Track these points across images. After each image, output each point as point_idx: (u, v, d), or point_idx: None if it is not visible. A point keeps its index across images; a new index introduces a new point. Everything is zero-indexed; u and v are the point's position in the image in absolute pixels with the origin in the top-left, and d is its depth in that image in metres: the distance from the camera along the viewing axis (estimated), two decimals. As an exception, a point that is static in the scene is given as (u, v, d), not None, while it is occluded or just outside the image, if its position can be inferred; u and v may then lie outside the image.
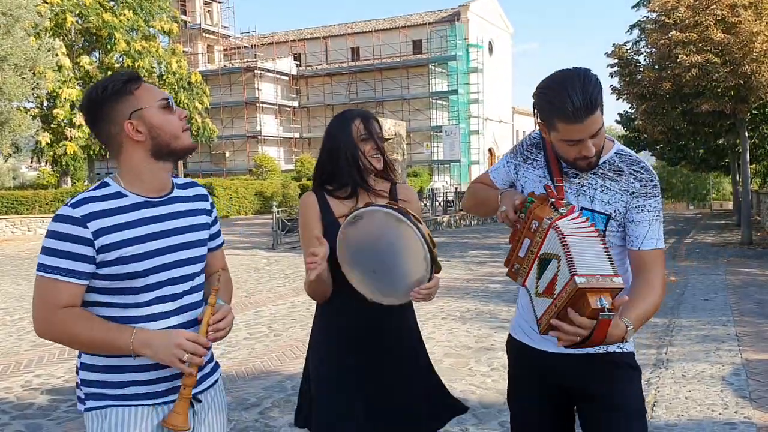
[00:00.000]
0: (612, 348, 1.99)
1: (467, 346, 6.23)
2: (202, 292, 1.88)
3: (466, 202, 2.38)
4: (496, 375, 5.23)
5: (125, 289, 1.73)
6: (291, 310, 8.26)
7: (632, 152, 2.05)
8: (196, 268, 1.86)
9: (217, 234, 1.99)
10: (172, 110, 1.78)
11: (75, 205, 1.70)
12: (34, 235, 20.91)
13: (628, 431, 1.96)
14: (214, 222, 1.98)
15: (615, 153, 2.01)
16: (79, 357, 1.80)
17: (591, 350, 1.98)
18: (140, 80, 1.78)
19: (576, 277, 1.66)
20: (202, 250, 1.89)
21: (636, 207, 1.96)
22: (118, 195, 1.75)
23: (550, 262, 1.79)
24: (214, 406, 1.92)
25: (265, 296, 9.35)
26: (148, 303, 1.75)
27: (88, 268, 1.69)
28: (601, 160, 1.98)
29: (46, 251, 1.69)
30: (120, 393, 1.75)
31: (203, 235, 1.90)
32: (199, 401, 1.85)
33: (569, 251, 1.72)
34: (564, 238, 1.75)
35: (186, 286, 1.82)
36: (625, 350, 2.03)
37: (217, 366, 1.97)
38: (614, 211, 1.97)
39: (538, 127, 2.02)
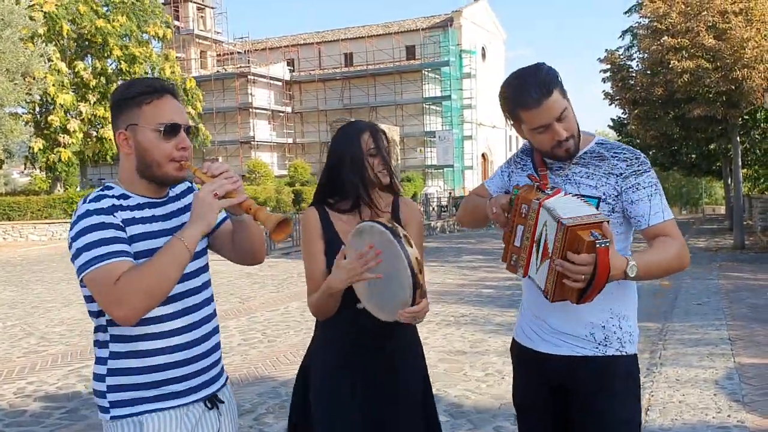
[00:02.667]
0: (611, 351, 1.99)
1: (462, 351, 6.23)
2: (207, 296, 1.88)
3: (460, 214, 2.44)
4: (491, 380, 5.22)
5: None
6: (285, 315, 8.25)
7: (613, 141, 2.10)
8: (200, 263, 1.87)
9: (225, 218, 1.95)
10: (171, 138, 1.74)
11: (96, 200, 1.71)
12: (26, 241, 20.82)
13: None
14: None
15: (596, 143, 2.07)
16: (105, 363, 1.76)
17: (591, 353, 1.99)
18: (160, 95, 1.75)
19: (562, 221, 1.74)
20: (202, 243, 1.89)
21: (630, 187, 1.98)
22: (124, 196, 1.78)
23: (542, 236, 1.84)
24: (231, 403, 1.97)
25: (259, 302, 9.34)
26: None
27: (130, 248, 1.68)
28: (582, 151, 2.03)
29: (87, 247, 1.62)
30: (157, 394, 1.74)
31: None
32: (222, 402, 1.89)
33: (554, 213, 1.79)
34: (553, 210, 1.81)
35: (191, 284, 1.82)
36: (624, 353, 2.02)
37: (223, 369, 2.00)
38: (603, 194, 1.99)
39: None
